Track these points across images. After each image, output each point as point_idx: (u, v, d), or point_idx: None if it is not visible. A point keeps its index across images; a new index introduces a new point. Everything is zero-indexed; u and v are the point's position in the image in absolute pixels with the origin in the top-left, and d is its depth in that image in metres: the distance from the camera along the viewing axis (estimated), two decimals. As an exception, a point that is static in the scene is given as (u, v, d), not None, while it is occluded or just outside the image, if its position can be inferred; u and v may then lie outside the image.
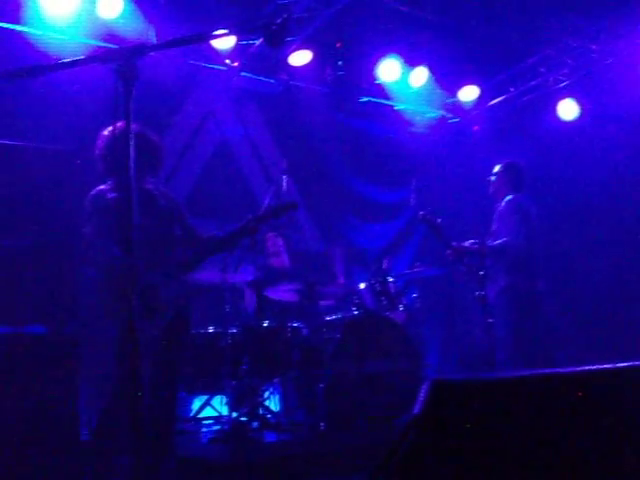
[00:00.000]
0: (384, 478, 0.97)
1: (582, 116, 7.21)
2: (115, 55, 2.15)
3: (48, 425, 4.03)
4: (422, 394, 0.98)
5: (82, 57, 2.23)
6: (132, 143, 2.12)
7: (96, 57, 2.22)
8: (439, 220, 5.20)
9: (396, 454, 0.97)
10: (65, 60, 2.21)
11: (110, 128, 3.52)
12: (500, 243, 5.20)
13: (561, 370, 1.19)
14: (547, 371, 1.17)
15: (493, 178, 5.59)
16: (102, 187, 3.67)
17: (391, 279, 5.80)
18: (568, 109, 7.25)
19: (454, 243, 5.24)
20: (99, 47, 5.70)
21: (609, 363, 1.27)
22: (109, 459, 3.51)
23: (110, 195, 3.58)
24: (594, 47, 6.73)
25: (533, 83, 7.44)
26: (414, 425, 0.95)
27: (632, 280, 6.57)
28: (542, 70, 7.26)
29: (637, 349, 5.77)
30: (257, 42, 6.36)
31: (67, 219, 4.05)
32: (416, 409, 0.98)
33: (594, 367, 1.23)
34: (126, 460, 1.91)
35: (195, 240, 3.94)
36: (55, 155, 4.23)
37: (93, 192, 3.66)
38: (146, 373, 3.41)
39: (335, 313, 5.72)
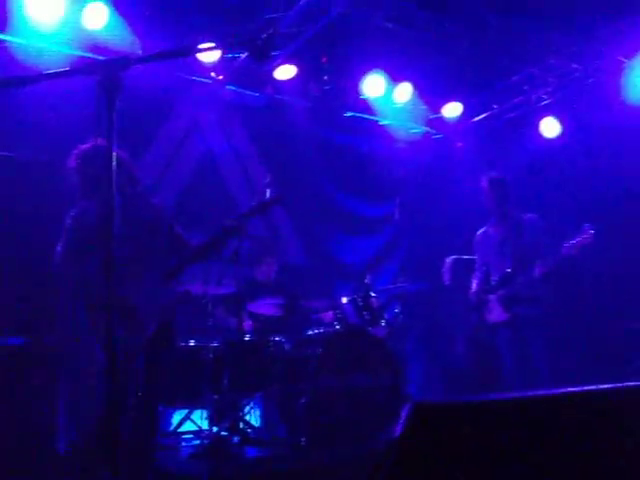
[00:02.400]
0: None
1: (564, 134, 7.28)
2: (98, 67, 2.12)
3: (24, 437, 3.97)
4: (403, 417, 0.97)
5: (65, 69, 2.21)
6: (114, 158, 2.09)
7: (79, 69, 2.20)
8: None
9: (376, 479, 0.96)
10: (48, 72, 2.19)
11: (86, 145, 3.50)
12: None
13: (545, 392, 1.18)
14: (530, 394, 1.16)
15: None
16: (84, 204, 3.63)
17: (374, 294, 5.78)
18: (550, 127, 7.33)
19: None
20: (83, 57, 5.68)
21: (593, 384, 1.26)
22: (89, 473, 3.46)
23: (92, 212, 3.53)
24: (576, 67, 6.82)
25: (516, 101, 7.51)
26: (394, 449, 0.94)
27: (625, 295, 6.58)
28: (525, 88, 7.34)
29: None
30: (242, 56, 6.37)
31: (47, 231, 4.02)
32: (396, 433, 0.97)
33: (582, 388, 1.22)
34: (106, 475, 1.87)
35: (182, 247, 3.90)
36: (36, 166, 4.20)
37: (76, 209, 3.62)
38: (130, 387, 3.39)
39: (317, 327, 5.71)
